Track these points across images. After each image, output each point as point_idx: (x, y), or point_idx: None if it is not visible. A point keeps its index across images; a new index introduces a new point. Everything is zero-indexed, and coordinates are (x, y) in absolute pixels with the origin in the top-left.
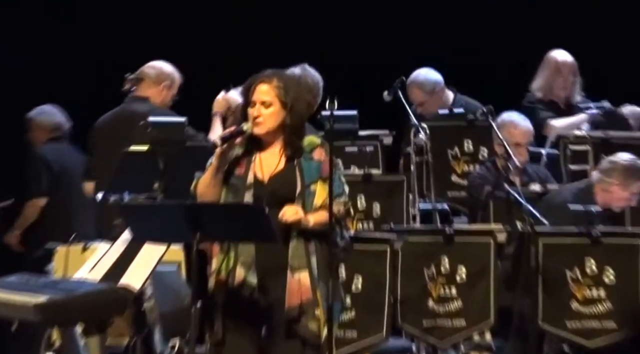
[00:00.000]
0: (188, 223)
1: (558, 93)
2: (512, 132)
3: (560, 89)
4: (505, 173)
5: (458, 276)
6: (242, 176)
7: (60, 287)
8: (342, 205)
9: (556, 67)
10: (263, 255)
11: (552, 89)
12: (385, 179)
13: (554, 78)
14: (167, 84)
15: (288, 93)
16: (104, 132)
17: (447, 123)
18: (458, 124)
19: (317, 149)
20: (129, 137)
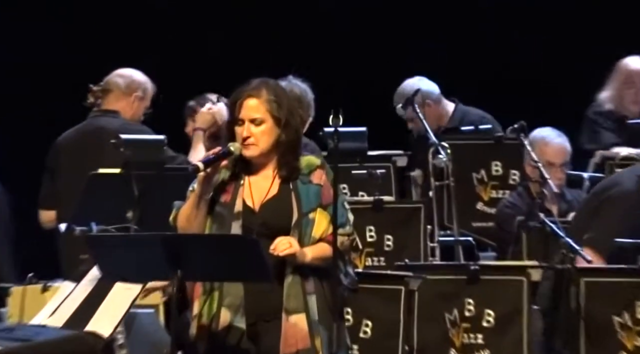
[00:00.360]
0: (167, 259)
1: (629, 107)
2: (543, 150)
3: (631, 103)
4: (540, 200)
5: (485, 322)
6: (228, 204)
7: (15, 335)
8: (346, 236)
9: (628, 76)
10: (253, 296)
11: (623, 101)
12: (398, 206)
13: (625, 89)
14: (138, 95)
15: (281, 107)
16: (68, 151)
17: (472, 142)
18: (484, 142)
19: (316, 171)
20: (98, 157)
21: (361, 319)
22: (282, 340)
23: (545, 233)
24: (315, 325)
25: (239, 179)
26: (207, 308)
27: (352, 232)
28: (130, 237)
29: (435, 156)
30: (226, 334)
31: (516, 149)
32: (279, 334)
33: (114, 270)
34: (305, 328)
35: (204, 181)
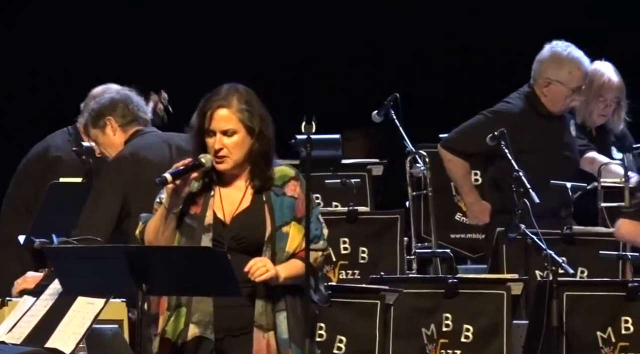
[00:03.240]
0: (131, 272)
1: (596, 119)
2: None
3: (598, 116)
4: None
5: (464, 337)
6: (198, 216)
7: None
8: (320, 252)
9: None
10: (222, 311)
11: (592, 114)
12: (374, 217)
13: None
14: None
15: (253, 115)
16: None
17: None
18: None
19: (290, 183)
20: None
21: (335, 334)
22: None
23: (525, 245)
24: (285, 343)
25: (209, 190)
26: (172, 324)
27: (326, 247)
28: (92, 249)
29: (413, 165)
30: (194, 349)
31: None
32: (249, 350)
33: (76, 284)
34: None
35: (172, 193)
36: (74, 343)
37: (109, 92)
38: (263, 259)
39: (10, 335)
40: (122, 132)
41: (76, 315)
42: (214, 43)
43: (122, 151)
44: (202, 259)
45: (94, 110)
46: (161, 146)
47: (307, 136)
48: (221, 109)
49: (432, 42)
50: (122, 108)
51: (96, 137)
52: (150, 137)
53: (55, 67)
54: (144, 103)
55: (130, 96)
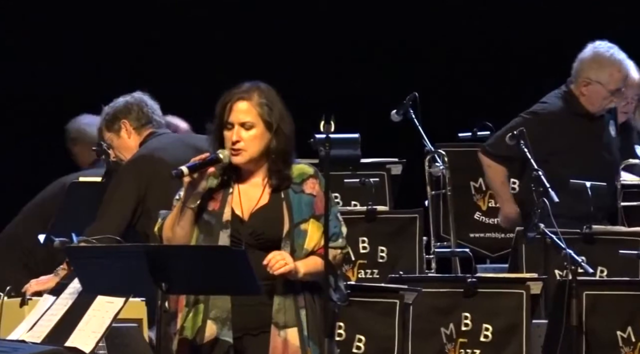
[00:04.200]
0: (151, 271)
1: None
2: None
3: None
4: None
5: (483, 336)
6: (216, 212)
7: None
8: (339, 250)
9: None
10: (241, 309)
11: None
12: (393, 216)
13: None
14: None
15: (273, 111)
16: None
17: (470, 149)
18: None
19: (309, 181)
20: None
21: (354, 334)
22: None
23: (545, 244)
24: (306, 340)
25: (227, 187)
26: (190, 321)
27: (345, 245)
28: (112, 248)
29: (432, 164)
30: (211, 349)
31: None
32: (267, 349)
33: (95, 283)
34: (296, 343)
35: (188, 186)
36: (93, 342)
37: (124, 96)
38: (282, 252)
39: (31, 334)
40: (137, 134)
41: (96, 314)
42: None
43: (139, 152)
44: (221, 259)
45: (109, 114)
46: (177, 146)
47: (326, 135)
48: (241, 101)
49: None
50: (137, 111)
51: (111, 140)
52: (165, 138)
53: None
54: (158, 107)
55: (145, 100)
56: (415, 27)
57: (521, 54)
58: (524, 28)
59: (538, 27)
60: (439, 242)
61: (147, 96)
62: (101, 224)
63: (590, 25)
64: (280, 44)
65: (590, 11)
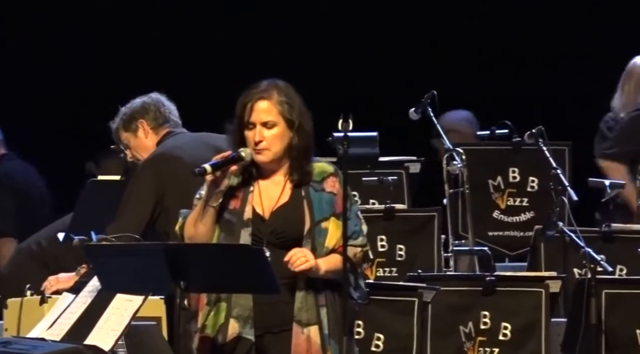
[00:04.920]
0: (170, 269)
1: None
2: None
3: None
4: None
5: (501, 335)
6: (237, 211)
7: (12, 348)
8: (359, 248)
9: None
10: (263, 307)
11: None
12: (411, 214)
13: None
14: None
15: (293, 108)
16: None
17: (488, 147)
18: (501, 148)
19: (329, 179)
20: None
21: (372, 332)
22: (294, 353)
23: (564, 243)
24: (327, 338)
25: (248, 185)
26: (212, 319)
27: (365, 243)
28: (131, 246)
29: (450, 162)
30: (233, 347)
31: (535, 154)
32: (288, 347)
33: (115, 281)
34: (318, 341)
35: (211, 185)
36: (112, 340)
37: (140, 97)
38: (303, 249)
39: (50, 332)
40: (154, 134)
41: (115, 312)
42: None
43: (157, 150)
44: (240, 257)
45: (126, 114)
46: (194, 145)
47: (344, 134)
48: (261, 101)
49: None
50: (154, 111)
51: (128, 140)
52: (183, 137)
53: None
54: (174, 107)
55: (161, 100)
56: (435, 25)
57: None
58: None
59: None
60: (457, 241)
61: (164, 97)
62: (120, 223)
63: (611, 25)
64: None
65: (612, 9)
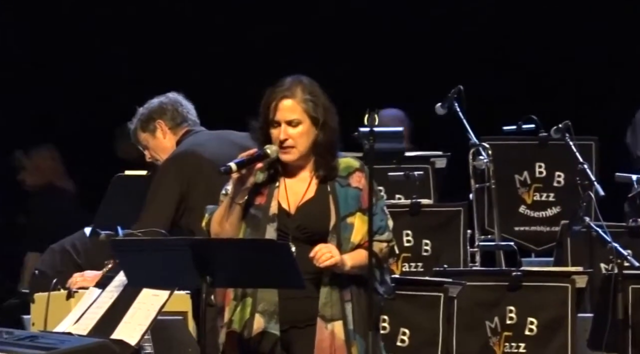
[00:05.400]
0: (196, 264)
1: None
2: None
3: None
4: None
5: (528, 330)
6: (263, 206)
7: (38, 343)
8: (385, 243)
9: None
10: (288, 302)
11: None
12: (437, 210)
13: None
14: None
15: (318, 105)
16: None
17: (515, 142)
18: (528, 143)
19: (355, 174)
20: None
21: (398, 327)
22: (317, 348)
23: (590, 238)
24: (351, 334)
25: (274, 181)
26: (238, 314)
27: (391, 239)
28: (157, 241)
29: (476, 157)
30: (259, 342)
31: (561, 149)
32: (312, 342)
33: (141, 276)
34: (342, 336)
35: (237, 183)
36: (139, 335)
37: (158, 97)
38: (328, 245)
39: (77, 326)
40: (173, 134)
41: (141, 307)
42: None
43: (179, 148)
44: (265, 252)
45: (144, 115)
46: (215, 143)
47: (370, 129)
48: (286, 99)
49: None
50: (172, 111)
51: (147, 141)
52: (203, 136)
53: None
54: (192, 106)
55: (179, 99)
56: (460, 20)
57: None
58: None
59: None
60: (483, 236)
61: (182, 96)
62: (145, 221)
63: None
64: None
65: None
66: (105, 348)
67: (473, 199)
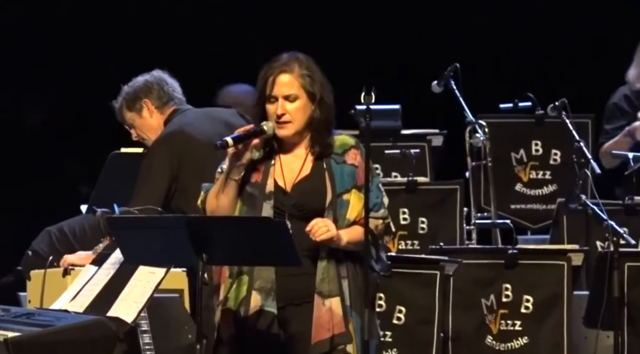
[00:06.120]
0: (192, 242)
1: None
2: None
3: None
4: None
5: (523, 307)
6: (259, 184)
7: (35, 320)
8: (381, 220)
9: None
10: (285, 279)
11: None
12: (433, 188)
13: None
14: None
15: (315, 81)
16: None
17: (511, 120)
18: (524, 121)
19: (350, 151)
20: None
21: (394, 305)
22: (315, 324)
23: (586, 216)
24: (349, 310)
25: (270, 159)
26: (234, 292)
27: (387, 216)
28: (153, 219)
29: (472, 135)
30: (256, 320)
31: (558, 127)
32: (309, 319)
33: (137, 253)
34: (340, 312)
35: (232, 158)
36: (135, 312)
37: (142, 75)
38: (324, 219)
39: (73, 304)
40: (160, 113)
41: (137, 284)
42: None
43: (168, 128)
44: (262, 229)
45: (129, 93)
46: (203, 121)
47: (367, 107)
48: (283, 74)
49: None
50: (158, 90)
51: (133, 120)
52: (192, 114)
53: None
54: (177, 84)
55: (164, 77)
56: None
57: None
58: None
59: None
60: (480, 214)
61: (167, 74)
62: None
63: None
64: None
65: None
66: (101, 325)
67: (469, 177)
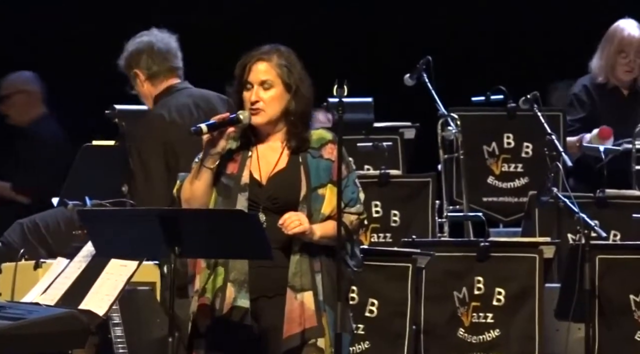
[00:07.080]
0: (164, 235)
1: (621, 77)
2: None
3: (623, 73)
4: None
5: (495, 300)
6: (235, 175)
7: (6, 313)
8: (356, 215)
9: (620, 44)
10: (258, 272)
11: (615, 71)
12: (406, 180)
13: (618, 58)
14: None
15: (292, 73)
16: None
17: (483, 113)
18: (496, 114)
19: (327, 146)
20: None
21: (367, 298)
22: (287, 318)
23: (558, 208)
24: (321, 304)
25: (246, 150)
26: (211, 283)
27: (362, 211)
28: (125, 212)
29: (444, 128)
30: (230, 311)
31: (530, 120)
32: (281, 312)
33: (109, 246)
34: (312, 307)
35: (207, 145)
36: (107, 305)
37: (141, 35)
38: (297, 213)
39: (44, 297)
40: (151, 85)
41: (109, 277)
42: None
43: (153, 111)
44: (235, 222)
45: (125, 58)
46: (191, 109)
47: (339, 99)
48: (260, 62)
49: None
50: (145, 59)
51: (133, 82)
52: (182, 98)
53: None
54: (171, 48)
55: (152, 43)
56: None
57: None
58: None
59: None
60: (452, 206)
61: (161, 38)
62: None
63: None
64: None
65: None
66: (73, 318)
67: (442, 170)
